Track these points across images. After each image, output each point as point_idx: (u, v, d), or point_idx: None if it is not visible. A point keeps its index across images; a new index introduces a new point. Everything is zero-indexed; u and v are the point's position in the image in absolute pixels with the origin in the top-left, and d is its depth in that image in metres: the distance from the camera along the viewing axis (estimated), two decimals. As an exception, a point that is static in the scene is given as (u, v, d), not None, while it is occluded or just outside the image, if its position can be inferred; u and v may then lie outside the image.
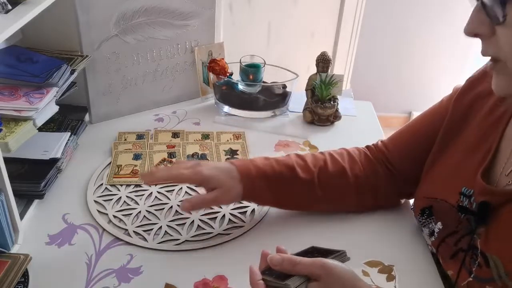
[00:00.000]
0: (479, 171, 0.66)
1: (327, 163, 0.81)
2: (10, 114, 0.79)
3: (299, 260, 0.56)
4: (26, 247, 0.75)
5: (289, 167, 0.79)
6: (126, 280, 0.70)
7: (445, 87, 2.63)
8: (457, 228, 0.68)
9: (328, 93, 1.10)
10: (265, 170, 0.78)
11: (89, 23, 0.97)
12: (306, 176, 0.79)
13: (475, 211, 0.64)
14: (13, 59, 0.91)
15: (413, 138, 0.83)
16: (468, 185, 0.68)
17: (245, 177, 0.76)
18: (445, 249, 0.70)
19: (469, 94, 0.74)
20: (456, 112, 0.75)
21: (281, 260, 0.57)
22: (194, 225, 0.81)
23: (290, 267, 0.56)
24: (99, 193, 0.87)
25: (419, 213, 0.76)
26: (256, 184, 0.77)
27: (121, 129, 1.06)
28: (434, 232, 0.72)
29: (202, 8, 1.12)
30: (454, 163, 0.72)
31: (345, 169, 0.81)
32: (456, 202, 0.69)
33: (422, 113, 0.85)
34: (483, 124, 0.70)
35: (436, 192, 0.73)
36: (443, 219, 0.71)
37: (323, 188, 0.80)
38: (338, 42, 2.09)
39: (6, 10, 0.74)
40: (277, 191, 0.79)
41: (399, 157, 0.83)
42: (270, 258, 0.58)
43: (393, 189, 0.84)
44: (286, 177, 0.78)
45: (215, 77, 1.14)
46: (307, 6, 1.83)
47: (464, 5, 2.45)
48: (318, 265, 0.56)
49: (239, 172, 0.76)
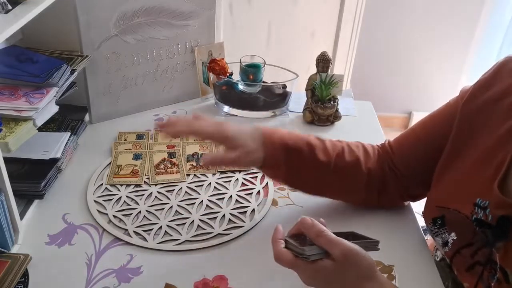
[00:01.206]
0: (494, 181, 0.63)
1: (345, 151, 0.81)
2: (10, 114, 0.80)
3: (326, 233, 0.56)
4: (26, 247, 0.75)
5: (310, 146, 0.78)
6: (126, 280, 0.70)
7: (445, 87, 2.64)
8: (473, 240, 0.66)
9: (328, 93, 1.10)
10: (287, 141, 0.76)
11: (89, 23, 0.97)
12: (323, 159, 0.78)
13: (493, 224, 0.62)
14: (13, 59, 0.91)
15: (417, 142, 0.81)
16: (482, 196, 0.65)
17: (268, 142, 0.75)
18: (460, 261, 0.68)
19: (479, 98, 0.71)
20: (466, 117, 0.72)
21: (311, 225, 0.57)
22: (194, 225, 0.81)
23: (314, 236, 0.56)
24: (99, 193, 0.87)
25: (431, 222, 0.74)
26: (276, 152, 0.75)
27: (121, 129, 1.06)
28: (448, 242, 0.70)
29: (202, 8, 1.12)
30: (467, 171, 0.69)
31: (360, 160, 0.81)
32: (470, 213, 0.66)
33: (428, 115, 0.82)
34: (496, 131, 0.66)
35: (448, 201, 0.71)
36: (457, 230, 0.69)
37: (337, 175, 0.79)
38: (338, 42, 2.09)
39: (6, 10, 0.74)
40: (293, 165, 0.77)
41: (403, 160, 0.82)
42: (303, 219, 0.58)
43: (397, 191, 0.83)
44: (304, 154, 0.77)
45: (215, 77, 1.14)
46: (307, 6, 1.83)
47: (464, 4, 2.45)
48: (340, 248, 0.55)
49: (263, 136, 0.75)
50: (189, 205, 0.85)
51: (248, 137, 0.74)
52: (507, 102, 0.67)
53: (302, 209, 0.86)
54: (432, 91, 2.69)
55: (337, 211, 0.85)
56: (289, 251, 0.57)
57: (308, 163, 0.78)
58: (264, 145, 0.74)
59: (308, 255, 0.55)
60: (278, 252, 0.58)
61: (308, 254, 0.55)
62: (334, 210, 0.85)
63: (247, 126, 0.76)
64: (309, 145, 0.78)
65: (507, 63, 0.70)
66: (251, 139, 0.74)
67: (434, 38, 2.56)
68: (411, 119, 2.82)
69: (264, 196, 0.89)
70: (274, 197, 0.89)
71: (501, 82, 0.69)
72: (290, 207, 0.87)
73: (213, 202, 0.86)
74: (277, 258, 0.58)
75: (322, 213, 0.84)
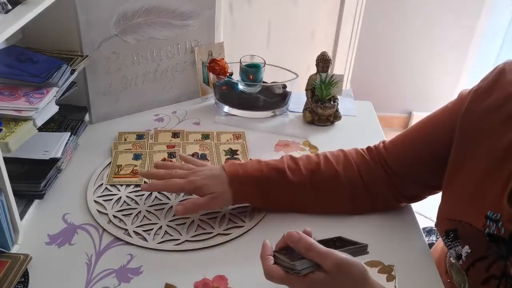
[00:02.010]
0: (504, 194, 0.62)
1: (320, 166, 0.81)
2: (10, 114, 0.79)
3: (315, 246, 0.55)
4: (26, 247, 0.74)
5: (279, 171, 0.80)
6: (126, 280, 0.70)
7: (445, 87, 2.64)
8: (487, 253, 0.65)
9: (328, 93, 1.10)
10: (253, 174, 0.79)
11: (89, 23, 0.97)
12: (296, 179, 0.80)
13: (507, 238, 0.61)
14: (13, 59, 0.91)
15: (414, 144, 0.81)
16: (493, 209, 0.64)
17: (234, 181, 0.79)
18: (475, 274, 0.67)
19: (479, 107, 0.70)
20: (466, 126, 0.71)
21: (298, 239, 0.56)
22: (194, 225, 0.81)
23: (304, 250, 0.55)
24: (99, 193, 0.87)
25: (444, 235, 0.72)
26: (245, 188, 0.79)
27: (121, 129, 1.06)
28: (462, 255, 0.69)
29: (202, 8, 1.12)
30: (475, 183, 0.68)
31: (338, 172, 0.81)
32: (482, 226, 0.65)
33: (426, 117, 0.82)
34: (501, 141, 0.65)
35: (459, 214, 0.70)
36: (470, 243, 0.67)
37: (315, 191, 0.80)
38: (338, 42, 2.09)
39: (6, 10, 0.74)
40: (267, 195, 0.80)
41: (397, 160, 0.81)
42: (289, 234, 0.57)
43: (392, 193, 0.82)
44: (275, 181, 0.80)
45: (215, 77, 1.14)
46: (307, 6, 1.83)
47: (463, 4, 2.45)
48: (331, 259, 0.54)
49: (228, 176, 0.79)
50: (189, 205, 0.85)
51: (215, 181, 0.78)
52: (507, 110, 0.66)
53: (302, 209, 0.86)
54: (432, 91, 2.69)
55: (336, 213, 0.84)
56: (279, 267, 0.57)
57: (281, 187, 0.80)
58: (230, 185, 0.78)
59: (300, 269, 0.55)
60: (268, 269, 0.57)
61: (300, 269, 0.55)
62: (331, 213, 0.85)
63: (215, 171, 0.81)
64: (278, 170, 0.80)
65: (505, 69, 0.69)
66: (219, 183, 0.78)
67: (434, 38, 2.56)
68: (411, 119, 2.82)
69: (264, 196, 0.89)
70: (274, 197, 0.88)
71: (501, 88, 0.68)
72: (290, 207, 0.87)
73: (213, 202, 0.86)
74: (268, 275, 0.57)
75: (321, 215, 0.84)
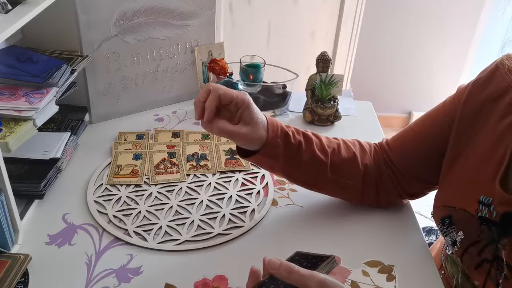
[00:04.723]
0: (496, 178, 0.64)
1: (341, 147, 0.82)
2: (10, 114, 0.79)
3: (296, 269, 0.54)
4: (26, 247, 0.75)
5: (308, 140, 0.79)
6: (126, 280, 0.70)
7: (445, 86, 2.64)
8: (479, 238, 0.66)
9: (328, 93, 1.10)
10: (288, 132, 0.77)
11: (89, 23, 0.97)
12: (320, 154, 0.79)
13: (497, 221, 0.63)
14: (13, 59, 0.91)
15: (414, 140, 0.82)
16: (486, 193, 0.66)
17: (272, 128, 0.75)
18: (469, 259, 0.69)
19: (477, 97, 0.72)
20: (465, 117, 0.73)
21: (279, 264, 0.55)
22: (194, 225, 0.81)
23: (286, 273, 0.54)
24: (99, 193, 0.87)
25: (440, 222, 0.74)
26: (277, 141, 0.75)
27: (121, 129, 1.06)
28: (456, 242, 0.70)
29: (202, 8, 1.12)
30: (470, 170, 0.70)
31: (357, 156, 0.82)
32: (475, 211, 0.67)
33: (425, 114, 0.83)
34: (496, 129, 0.68)
35: (454, 201, 0.72)
36: (464, 228, 0.69)
37: (333, 170, 0.80)
38: (338, 42, 2.09)
39: (6, 10, 0.74)
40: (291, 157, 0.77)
41: (401, 158, 0.82)
42: (268, 261, 0.56)
43: (394, 189, 0.83)
44: (302, 148, 0.78)
45: (215, 77, 1.14)
46: (307, 6, 1.83)
47: (464, 4, 2.45)
48: (314, 280, 0.53)
49: (268, 122, 0.75)
50: (189, 205, 0.85)
51: (260, 115, 0.75)
52: (505, 101, 0.68)
53: (302, 209, 0.86)
54: (432, 91, 2.69)
55: (337, 212, 0.85)
56: None
57: (305, 156, 0.78)
58: (268, 130, 0.75)
59: None
60: None
61: None
62: (334, 210, 0.85)
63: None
64: (307, 140, 0.79)
65: (504, 61, 0.71)
66: (260, 120, 0.74)
67: (434, 38, 2.56)
68: (411, 119, 2.82)
69: (264, 196, 0.89)
70: (274, 197, 0.89)
71: (499, 80, 0.70)
72: (290, 207, 0.87)
73: (213, 202, 0.86)
74: None
75: (321, 213, 0.84)
